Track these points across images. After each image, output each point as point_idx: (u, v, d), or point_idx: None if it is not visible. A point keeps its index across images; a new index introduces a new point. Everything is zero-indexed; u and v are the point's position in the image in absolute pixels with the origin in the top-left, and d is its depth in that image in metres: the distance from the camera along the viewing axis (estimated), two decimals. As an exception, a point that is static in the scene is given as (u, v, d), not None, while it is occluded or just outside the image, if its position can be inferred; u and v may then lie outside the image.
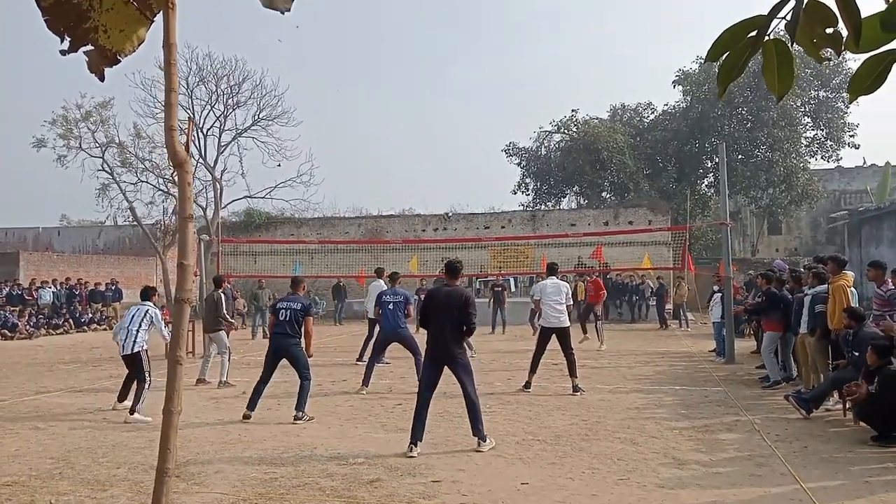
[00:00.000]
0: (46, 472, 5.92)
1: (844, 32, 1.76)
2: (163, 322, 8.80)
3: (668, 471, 5.78)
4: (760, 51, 1.88)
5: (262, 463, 6.14)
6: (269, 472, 5.86)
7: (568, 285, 10.56)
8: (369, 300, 13.60)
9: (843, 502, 4.96)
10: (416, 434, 6.52)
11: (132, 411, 8.20)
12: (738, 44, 1.84)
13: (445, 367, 6.75)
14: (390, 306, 10.35)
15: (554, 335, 9.96)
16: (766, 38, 1.82)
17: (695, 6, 75.80)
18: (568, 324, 10.09)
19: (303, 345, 8.34)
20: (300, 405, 8.03)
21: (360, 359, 13.26)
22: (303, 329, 8.32)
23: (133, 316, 8.69)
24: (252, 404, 8.16)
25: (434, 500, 5.07)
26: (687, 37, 75.19)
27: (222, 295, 11.41)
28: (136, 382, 8.51)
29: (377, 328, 13.08)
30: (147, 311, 8.68)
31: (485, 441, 6.53)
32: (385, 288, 12.32)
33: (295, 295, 8.57)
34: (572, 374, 9.79)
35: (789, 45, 1.89)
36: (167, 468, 2.60)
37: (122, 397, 8.74)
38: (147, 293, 9.16)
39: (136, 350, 8.49)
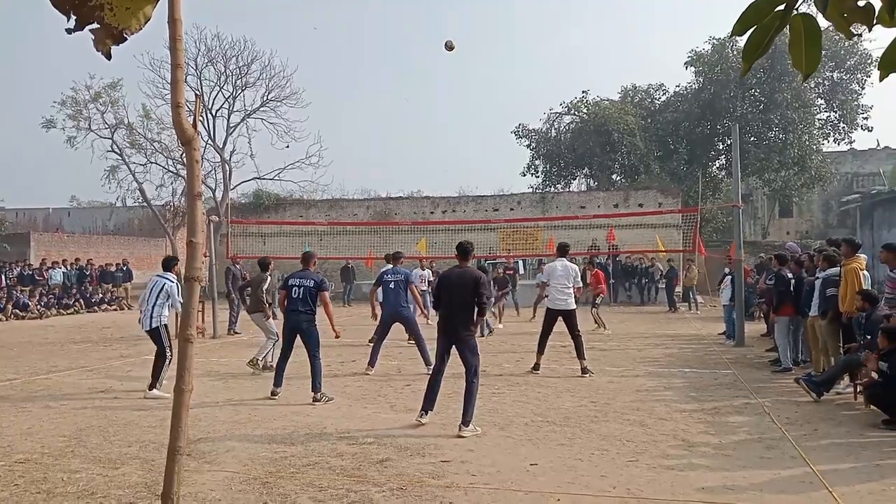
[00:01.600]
0: (58, 450, 5.97)
1: (877, 5, 1.71)
2: (179, 297, 8.55)
3: (678, 452, 5.77)
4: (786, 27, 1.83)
5: (273, 442, 6.17)
6: (279, 450, 5.89)
7: (577, 268, 10.51)
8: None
9: (854, 485, 4.93)
10: (427, 404, 6.82)
11: (151, 387, 8.28)
12: (764, 18, 1.79)
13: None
14: (391, 285, 10.25)
15: (560, 317, 9.93)
16: (795, 11, 1.77)
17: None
18: (574, 306, 10.05)
19: (317, 322, 8.25)
20: (316, 385, 8.02)
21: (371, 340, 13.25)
22: (317, 306, 8.25)
23: (151, 289, 8.59)
24: (278, 381, 8.25)
25: (443, 480, 5.08)
26: (700, 17, 74.31)
27: (268, 277, 10.60)
28: (155, 358, 8.50)
29: None
30: (164, 286, 8.55)
31: (467, 426, 6.42)
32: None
33: (306, 271, 8.47)
34: (580, 356, 9.78)
35: (817, 20, 1.84)
36: (179, 446, 2.61)
37: None
38: (169, 263, 8.93)
39: (153, 325, 8.43)
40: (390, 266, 10.87)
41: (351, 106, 78.48)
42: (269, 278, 10.57)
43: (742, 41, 1.87)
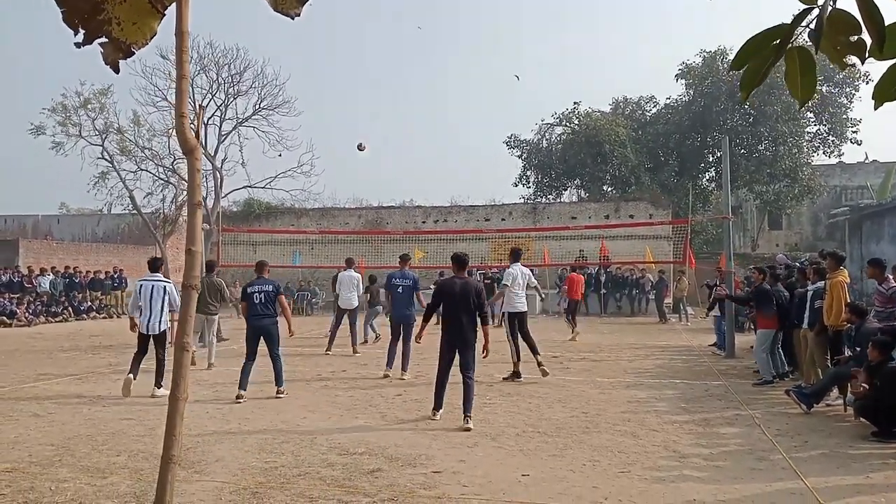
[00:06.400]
0: (46, 459, 5.91)
1: (868, 40, 1.76)
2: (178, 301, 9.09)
3: (669, 464, 5.78)
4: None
5: (262, 451, 6.14)
6: (269, 460, 5.85)
7: (530, 272, 10.79)
8: (341, 290, 13.60)
9: (844, 498, 4.95)
10: (438, 402, 7.47)
11: (159, 385, 8.67)
12: (762, 52, 1.85)
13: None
14: (399, 290, 10.40)
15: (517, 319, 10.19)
16: (791, 44, 1.83)
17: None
18: (526, 308, 10.36)
19: (280, 324, 8.91)
20: (279, 381, 8.78)
21: (328, 350, 13.35)
22: (278, 308, 8.86)
23: (153, 293, 8.97)
24: (243, 384, 8.55)
25: (434, 491, 5.06)
26: (690, 30, 74.99)
27: (221, 281, 11.81)
28: (160, 358, 8.91)
29: (345, 318, 13.19)
30: (166, 287, 9.04)
31: (471, 418, 7.07)
32: (355, 277, 12.52)
33: (262, 278, 9.11)
34: (535, 352, 10.08)
35: (812, 52, 1.89)
36: (173, 454, 2.59)
37: (135, 373, 8.84)
38: (157, 264, 9.39)
39: (163, 329, 9.01)
40: (398, 269, 10.96)
41: (343, 115, 78.50)
42: (221, 283, 11.72)
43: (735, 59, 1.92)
